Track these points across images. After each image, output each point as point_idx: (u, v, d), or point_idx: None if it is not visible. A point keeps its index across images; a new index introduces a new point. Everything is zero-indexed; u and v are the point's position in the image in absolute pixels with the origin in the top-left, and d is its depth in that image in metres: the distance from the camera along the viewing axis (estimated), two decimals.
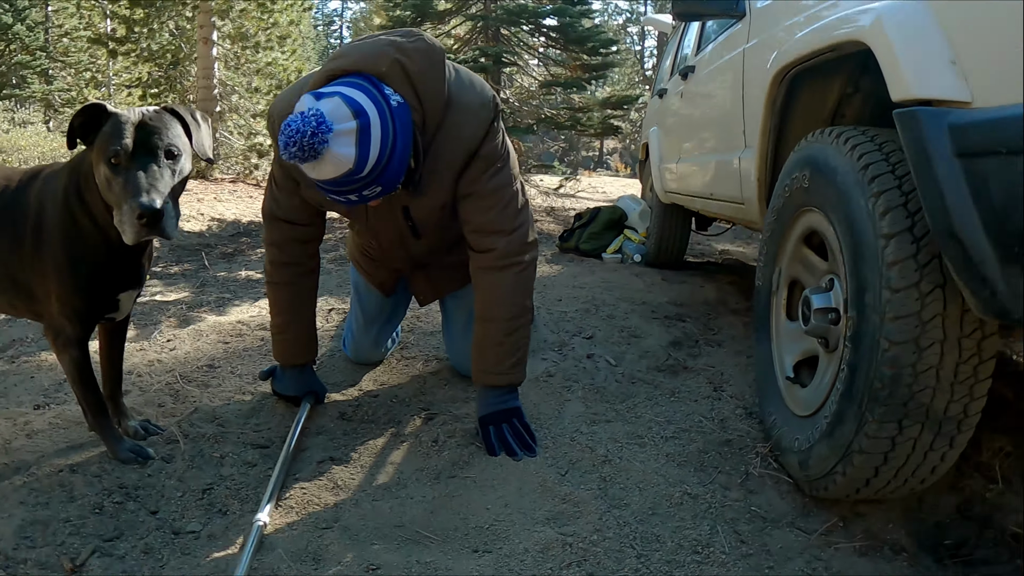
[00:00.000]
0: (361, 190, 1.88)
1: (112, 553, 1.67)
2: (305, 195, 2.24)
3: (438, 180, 2.10)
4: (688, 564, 1.68)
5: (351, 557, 1.65)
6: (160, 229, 1.71)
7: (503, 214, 2.16)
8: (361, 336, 2.77)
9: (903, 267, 1.53)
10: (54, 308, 1.92)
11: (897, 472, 1.68)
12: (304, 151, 1.72)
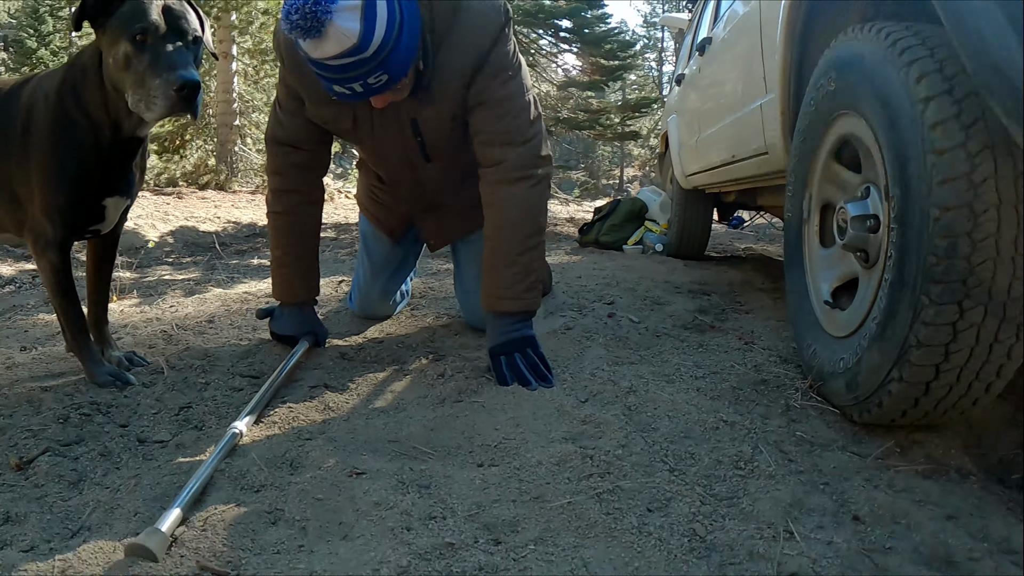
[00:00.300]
0: (366, 76, 1.76)
1: (66, 455, 1.52)
2: (310, 113, 2.13)
3: (447, 87, 2.00)
4: (730, 478, 1.50)
5: (333, 463, 1.48)
6: (194, 107, 1.67)
7: (514, 123, 2.04)
8: (368, 287, 2.63)
9: (946, 127, 1.39)
10: (37, 208, 1.82)
11: (960, 373, 1.47)
12: (307, 21, 1.61)
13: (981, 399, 1.55)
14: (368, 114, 2.08)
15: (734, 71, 3.28)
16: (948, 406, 1.56)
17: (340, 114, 2.09)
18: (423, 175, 2.27)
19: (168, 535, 1.17)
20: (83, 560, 1.10)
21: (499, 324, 2.10)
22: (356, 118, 2.10)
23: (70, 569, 1.08)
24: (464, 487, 1.42)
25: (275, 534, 1.24)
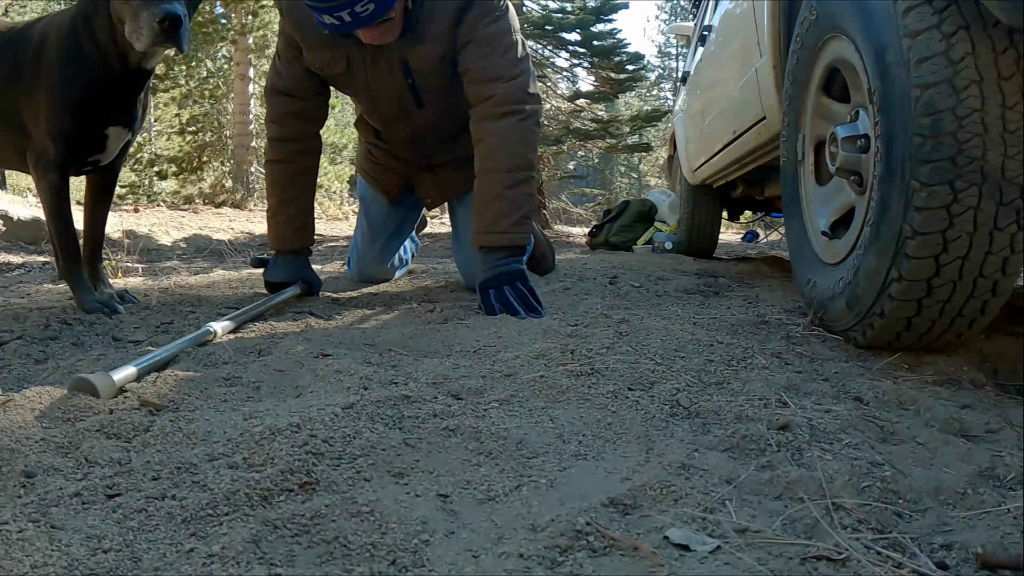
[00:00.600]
0: (353, 3, 1.80)
1: (37, 342, 1.50)
2: (307, 60, 2.18)
3: (436, 28, 2.03)
4: (721, 371, 1.42)
5: (301, 349, 1.45)
6: (177, 38, 1.73)
7: (502, 60, 2.06)
8: (366, 249, 2.63)
9: (918, 11, 1.38)
10: (41, 129, 1.87)
11: (962, 267, 1.40)
12: None
13: (989, 303, 1.46)
14: (361, 57, 2.11)
15: (732, 44, 3.29)
16: (954, 311, 1.47)
17: (335, 58, 2.13)
18: (417, 123, 2.28)
19: (117, 385, 1.14)
20: (27, 397, 1.07)
21: (488, 259, 2.07)
22: (350, 61, 2.13)
23: (10, 402, 1.05)
24: (433, 366, 1.37)
25: (226, 390, 1.20)
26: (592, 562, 0.68)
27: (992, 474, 0.95)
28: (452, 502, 0.81)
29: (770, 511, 0.81)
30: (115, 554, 0.67)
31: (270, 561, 0.62)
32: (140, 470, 0.84)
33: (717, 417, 1.14)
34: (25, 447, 0.88)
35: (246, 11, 10.04)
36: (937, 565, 0.71)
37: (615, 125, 7.64)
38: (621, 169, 33.14)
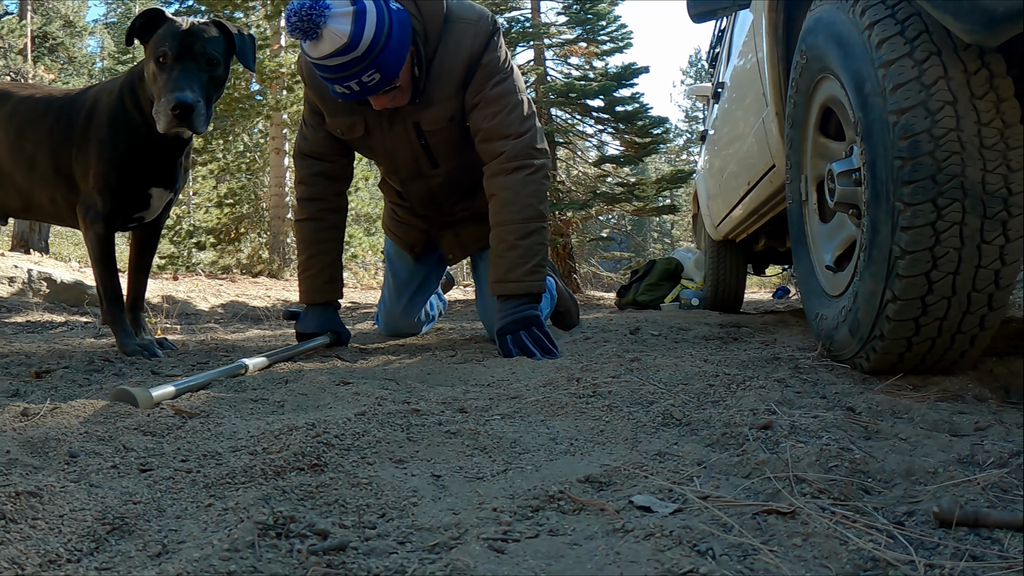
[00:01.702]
0: (360, 74, 1.97)
1: (82, 371, 1.62)
2: (329, 125, 2.34)
3: (444, 91, 2.18)
4: (720, 392, 1.49)
5: (325, 379, 1.55)
6: (190, 122, 1.89)
7: (509, 118, 2.20)
8: (393, 304, 2.75)
9: (891, 43, 1.46)
10: (90, 184, 2.06)
11: (954, 282, 1.44)
12: (304, 23, 1.86)
13: (987, 318, 1.48)
14: (377, 121, 2.27)
15: (742, 98, 3.41)
16: (952, 328, 1.49)
17: (353, 123, 2.29)
18: (433, 182, 2.42)
19: (155, 399, 1.25)
20: (72, 405, 1.18)
21: (505, 307, 2.18)
22: (368, 126, 2.29)
23: (57, 409, 1.17)
24: (445, 392, 1.46)
25: (252, 406, 1.30)
26: (559, 518, 0.76)
27: (971, 460, 0.96)
28: (443, 480, 0.90)
29: (735, 485, 0.87)
30: (143, 505, 0.77)
31: (275, 511, 0.71)
32: (170, 454, 0.95)
33: (706, 425, 1.20)
34: (70, 437, 1.00)
35: (280, 87, 10.54)
36: (894, 524, 0.74)
37: (641, 188, 7.78)
38: (654, 235, 33.30)
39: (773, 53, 2.48)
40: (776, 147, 2.67)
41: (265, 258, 11.01)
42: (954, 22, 1.27)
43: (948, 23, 1.29)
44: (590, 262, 10.54)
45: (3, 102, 2.20)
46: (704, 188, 4.80)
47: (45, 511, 0.74)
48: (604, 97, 7.75)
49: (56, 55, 24.53)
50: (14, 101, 2.19)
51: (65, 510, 0.74)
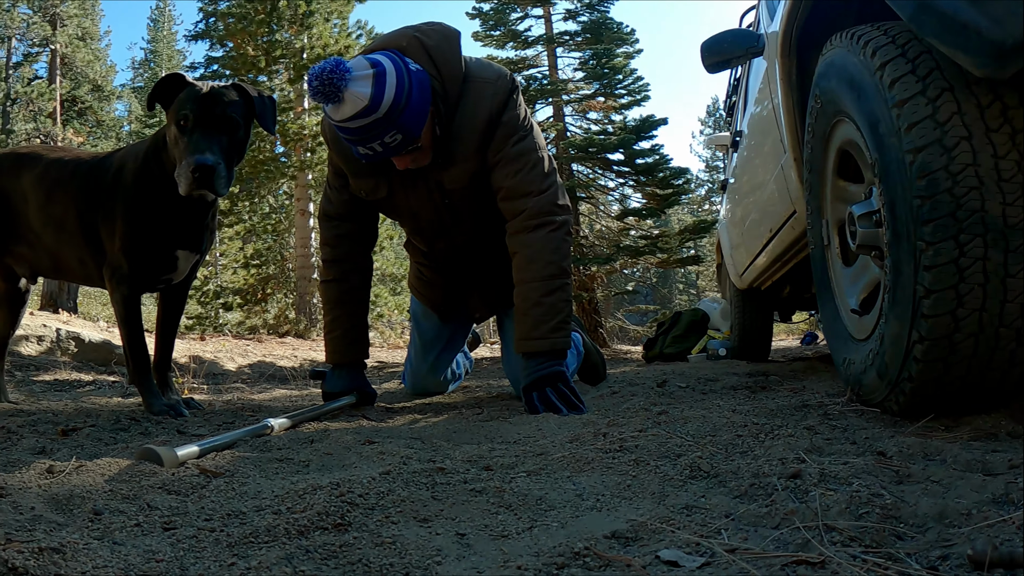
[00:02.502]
0: (382, 135, 1.99)
1: (108, 430, 1.63)
2: (353, 187, 2.37)
3: (465, 150, 2.20)
4: (747, 441, 1.46)
5: (351, 439, 1.55)
6: (210, 184, 1.93)
7: (530, 175, 2.21)
8: (419, 362, 2.75)
9: (903, 82, 1.47)
10: (116, 246, 2.10)
11: (981, 319, 1.41)
12: (325, 86, 1.88)
13: (1017, 352, 1.44)
14: (400, 181, 2.30)
15: (760, 146, 3.42)
16: (982, 365, 1.46)
17: (377, 184, 2.32)
18: (457, 240, 2.44)
19: (180, 459, 1.25)
20: (97, 463, 1.19)
21: (530, 364, 2.17)
22: (391, 186, 2.32)
23: (82, 467, 1.17)
24: (471, 450, 1.45)
25: (277, 465, 1.30)
26: (584, 575, 0.74)
27: (1006, 499, 0.93)
28: (468, 538, 0.89)
29: (764, 536, 0.85)
30: (166, 564, 0.77)
31: (298, 570, 0.70)
32: (194, 513, 0.95)
33: (734, 476, 1.18)
34: (94, 495, 1.01)
35: (304, 149, 10.78)
36: (928, 569, 0.72)
37: (664, 240, 7.80)
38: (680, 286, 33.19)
39: (788, 99, 2.50)
40: (796, 193, 2.67)
41: (292, 318, 11.12)
42: (964, 57, 1.27)
43: (958, 58, 1.29)
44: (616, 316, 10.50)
45: (33, 164, 2.27)
46: (727, 237, 4.80)
47: (68, 568, 0.74)
48: (624, 150, 7.81)
49: (85, 118, 25.49)
50: (44, 163, 2.26)
51: (88, 567, 0.74)
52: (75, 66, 25.17)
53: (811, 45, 2.31)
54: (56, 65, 24.75)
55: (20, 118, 23.18)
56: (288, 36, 11.38)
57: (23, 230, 2.28)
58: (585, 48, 9.46)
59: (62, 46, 24.62)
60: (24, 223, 2.27)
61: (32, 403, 2.27)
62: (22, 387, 3.02)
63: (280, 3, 10.95)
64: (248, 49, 11.23)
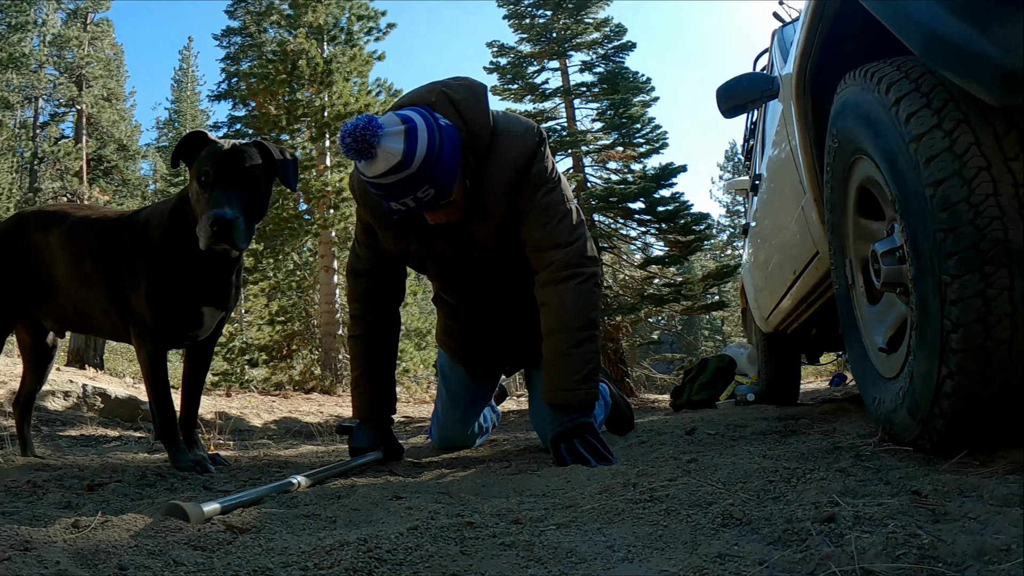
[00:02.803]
0: (415, 190, 2.00)
1: (134, 485, 1.63)
2: (382, 242, 2.38)
3: (494, 202, 2.21)
4: (779, 487, 1.43)
5: (378, 495, 1.53)
6: (229, 238, 1.96)
7: (559, 227, 2.21)
8: (447, 417, 2.74)
9: (919, 117, 1.47)
10: (142, 302, 2.12)
11: (1011, 350, 1.38)
12: (358, 143, 1.90)
13: None
14: (431, 236, 2.30)
15: (780, 188, 3.42)
16: (1014, 396, 1.42)
17: (407, 239, 2.33)
18: (487, 293, 2.43)
19: (206, 515, 1.25)
20: (123, 519, 1.19)
21: (558, 416, 2.15)
22: (421, 241, 2.32)
23: (108, 522, 1.17)
24: (499, 503, 1.43)
25: (304, 521, 1.29)
26: None
27: None
28: None
29: None
30: None
31: None
32: (220, 569, 0.95)
33: (767, 522, 1.15)
34: (120, 551, 1.00)
35: (327, 206, 10.94)
36: None
37: (688, 287, 7.76)
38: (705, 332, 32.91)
39: (805, 140, 2.51)
40: (818, 233, 2.66)
41: (317, 374, 11.16)
42: (978, 87, 1.27)
43: (972, 89, 1.29)
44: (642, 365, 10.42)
45: (61, 221, 2.33)
46: (751, 281, 4.77)
47: None
48: (644, 199, 7.84)
49: (110, 177, 26.16)
50: (72, 220, 2.31)
51: None
52: (101, 126, 25.93)
53: (825, 85, 2.33)
54: (82, 125, 25.54)
55: (48, 177, 23.90)
56: (309, 95, 11.67)
57: (51, 286, 2.33)
58: (602, 98, 9.58)
59: (88, 106, 25.43)
60: (52, 279, 2.32)
61: (58, 458, 2.28)
62: (48, 442, 3.05)
63: (300, 63, 11.25)
64: (270, 108, 11.51)
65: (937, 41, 1.31)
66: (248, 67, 12.16)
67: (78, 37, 25.75)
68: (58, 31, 25.89)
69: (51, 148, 24.41)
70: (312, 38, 11.75)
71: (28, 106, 26.41)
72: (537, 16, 10.26)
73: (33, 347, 2.55)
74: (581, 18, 9.94)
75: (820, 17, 2.10)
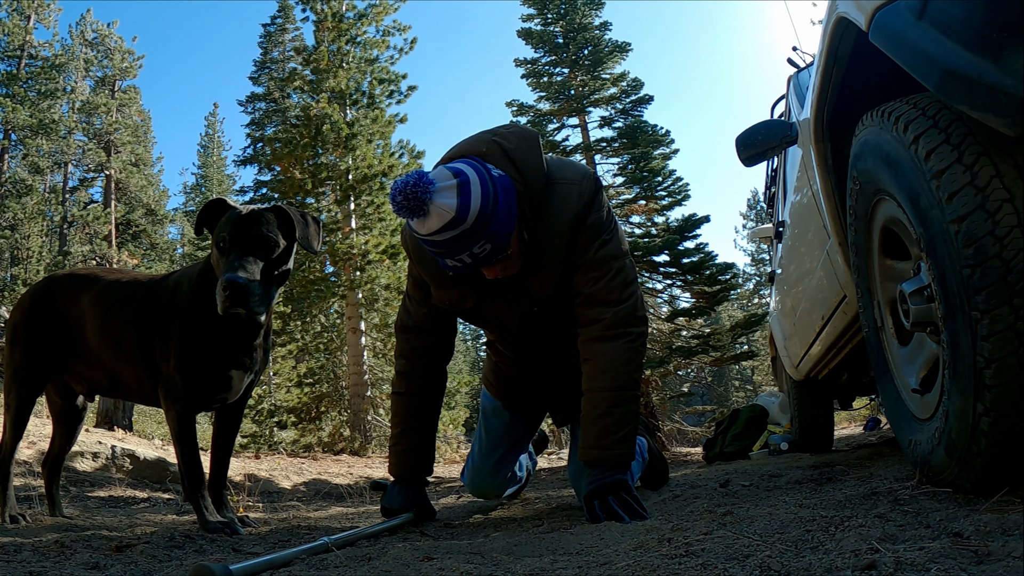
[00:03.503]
0: (471, 246, 1.93)
1: (163, 547, 1.61)
2: (435, 298, 2.33)
3: (552, 252, 2.15)
4: (817, 535, 1.39)
5: (409, 555, 1.49)
6: (243, 302, 1.96)
7: (612, 283, 2.16)
8: (482, 462, 2.68)
9: (938, 153, 1.46)
10: (171, 364, 2.15)
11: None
12: (410, 202, 1.83)
13: None
14: (487, 290, 2.24)
15: (804, 234, 3.41)
16: None
17: (462, 294, 2.27)
18: (546, 347, 2.39)
19: None
20: None
21: (593, 472, 2.10)
22: (477, 296, 2.26)
23: None
24: (532, 563, 1.40)
25: None
26: None
27: None
28: None
29: None
30: None
31: None
32: None
33: (806, 573, 1.12)
34: None
35: (353, 268, 11.03)
36: None
37: (716, 337, 7.69)
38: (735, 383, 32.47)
39: (827, 184, 2.51)
40: (844, 277, 2.64)
41: (346, 436, 11.12)
42: (995, 119, 1.26)
43: (990, 121, 1.28)
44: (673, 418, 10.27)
45: (92, 285, 2.37)
46: (779, 329, 4.72)
47: None
48: (669, 251, 7.82)
49: (139, 241, 26.75)
50: (102, 284, 2.36)
51: None
52: (129, 191, 26.63)
53: (844, 127, 2.34)
54: (111, 190, 26.23)
55: (77, 240, 24.47)
56: (333, 159, 11.90)
57: (81, 349, 2.36)
58: (623, 153, 9.67)
59: (116, 172, 26.15)
60: (82, 342, 2.36)
61: (87, 518, 2.29)
62: (77, 502, 3.05)
63: (324, 127, 11.50)
64: (295, 172, 11.74)
65: (951, 76, 1.31)
66: (272, 132, 12.49)
67: (106, 104, 26.67)
68: (87, 98, 26.84)
69: (80, 212, 25.06)
70: (335, 102, 12.03)
71: (58, 171, 27.25)
72: (555, 74, 10.44)
73: (63, 409, 2.59)
74: (598, 74, 10.09)
75: (834, 60, 2.11)
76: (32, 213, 23.74)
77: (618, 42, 10.23)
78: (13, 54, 25.10)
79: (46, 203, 25.74)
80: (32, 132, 24.36)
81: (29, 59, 25.47)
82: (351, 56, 12.83)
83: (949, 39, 1.34)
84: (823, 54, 2.17)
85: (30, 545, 1.68)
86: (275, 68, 26.78)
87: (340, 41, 12.65)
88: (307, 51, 13.09)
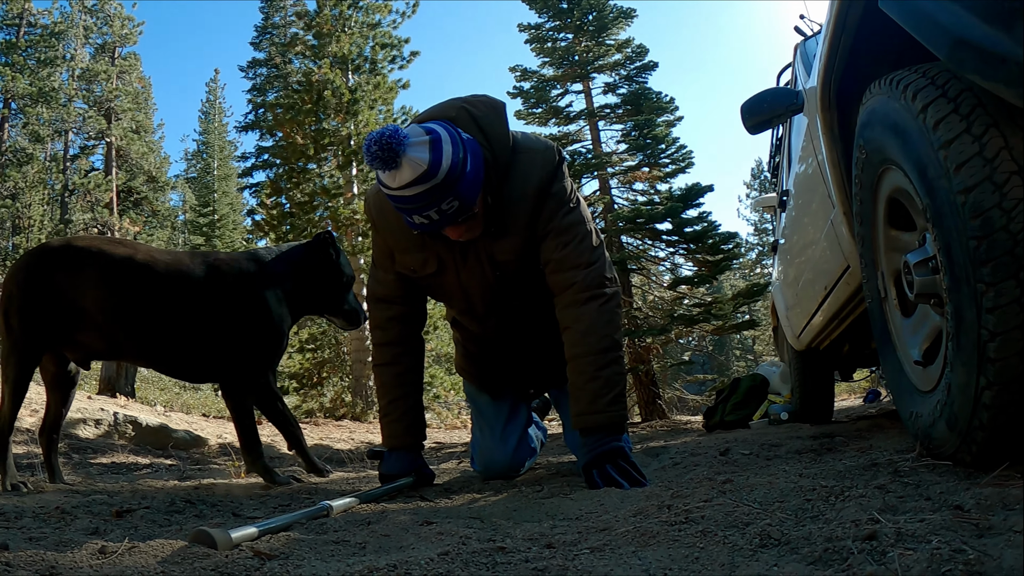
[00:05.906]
0: (439, 202, 1.97)
1: (163, 511, 1.63)
2: (399, 264, 2.37)
3: (515, 219, 2.20)
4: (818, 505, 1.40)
5: (408, 519, 1.52)
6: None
7: (579, 248, 2.20)
8: (486, 440, 2.69)
9: (947, 122, 1.44)
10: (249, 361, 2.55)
11: None
12: (384, 152, 1.87)
13: None
14: (450, 255, 2.28)
15: (807, 203, 3.39)
16: None
17: (426, 258, 2.31)
18: (509, 316, 2.41)
19: (234, 541, 1.24)
20: (150, 545, 1.18)
21: (589, 440, 2.12)
22: (441, 261, 2.30)
23: (135, 548, 1.17)
24: (531, 527, 1.41)
25: (333, 547, 1.28)
26: None
27: None
28: None
29: None
30: None
31: None
32: None
33: (807, 542, 1.12)
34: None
35: (356, 233, 11.02)
36: None
37: (718, 306, 7.67)
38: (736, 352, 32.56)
39: (832, 153, 2.48)
40: (848, 247, 2.62)
41: (348, 401, 11.18)
42: (1006, 89, 1.24)
43: (1000, 91, 1.26)
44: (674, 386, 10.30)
45: (101, 257, 2.47)
46: (781, 299, 4.71)
47: None
48: (672, 219, 7.76)
49: (140, 208, 26.77)
50: (123, 259, 2.51)
51: None
52: (130, 158, 26.52)
53: (851, 96, 2.30)
54: (112, 157, 26.13)
55: (78, 208, 24.44)
56: (335, 124, 11.82)
57: (87, 319, 2.38)
58: (626, 120, 9.58)
59: (117, 139, 25.99)
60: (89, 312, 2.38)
61: (88, 485, 2.31)
62: (79, 469, 3.08)
63: (326, 93, 11.41)
64: (297, 138, 11.67)
65: (963, 45, 1.29)
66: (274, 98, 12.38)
67: (106, 71, 26.41)
68: (87, 66, 26.58)
69: (81, 180, 24.98)
70: (337, 68, 11.94)
71: (58, 139, 27.10)
72: (559, 40, 10.31)
73: (55, 376, 2.61)
74: (603, 40, 9.96)
75: (842, 27, 2.08)
76: (33, 182, 23.67)
77: (623, 8, 10.06)
78: (12, 22, 24.88)
79: (47, 171, 25.65)
80: (32, 100, 24.20)
81: (28, 27, 25.27)
82: (353, 21, 12.69)
83: (961, 8, 1.31)
84: (831, 22, 2.14)
85: (31, 512, 1.69)
86: (276, 33, 26.49)
87: (342, 5, 12.51)
88: (309, 16, 12.95)
